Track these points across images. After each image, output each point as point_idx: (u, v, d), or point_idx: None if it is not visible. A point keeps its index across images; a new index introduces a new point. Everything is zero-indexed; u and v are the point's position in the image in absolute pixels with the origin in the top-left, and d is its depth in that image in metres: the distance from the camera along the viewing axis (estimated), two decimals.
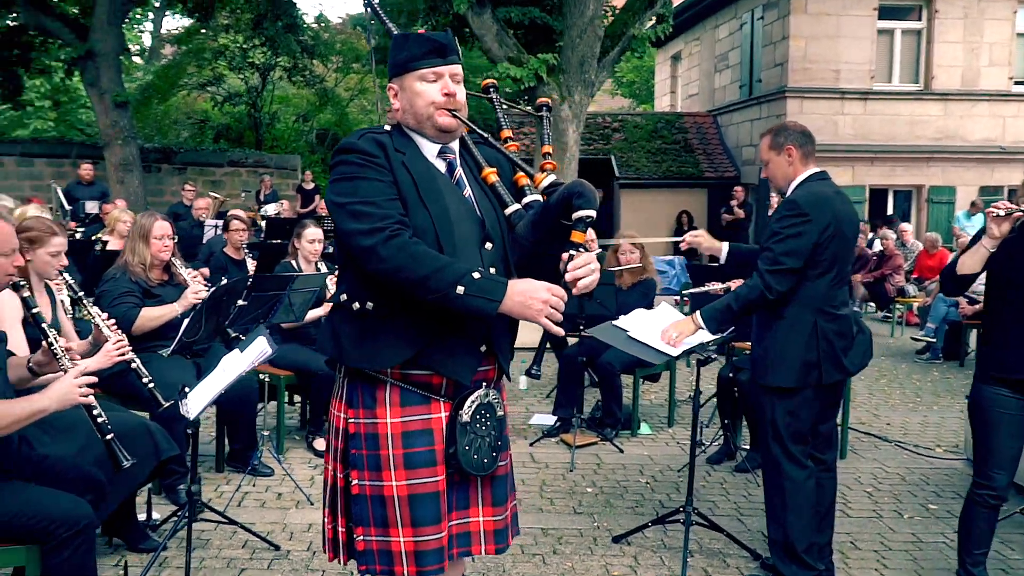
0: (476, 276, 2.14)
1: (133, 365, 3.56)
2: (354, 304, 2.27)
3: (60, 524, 2.60)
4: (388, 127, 2.34)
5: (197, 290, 4.47)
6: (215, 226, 9.80)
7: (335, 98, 22.14)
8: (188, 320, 3.70)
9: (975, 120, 15.68)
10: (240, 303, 4.00)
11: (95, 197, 12.19)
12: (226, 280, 4.91)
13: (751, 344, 3.64)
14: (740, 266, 3.76)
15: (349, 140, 2.26)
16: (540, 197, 2.35)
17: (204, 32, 20.75)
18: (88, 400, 2.69)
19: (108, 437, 2.72)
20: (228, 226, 6.97)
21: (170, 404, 3.49)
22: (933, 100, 15.61)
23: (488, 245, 2.30)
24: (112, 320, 3.59)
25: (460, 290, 2.12)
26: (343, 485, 2.38)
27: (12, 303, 3.21)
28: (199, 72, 21.16)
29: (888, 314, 11.72)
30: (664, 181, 17.06)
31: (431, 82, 2.27)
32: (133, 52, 24.96)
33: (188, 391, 3.24)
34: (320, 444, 5.25)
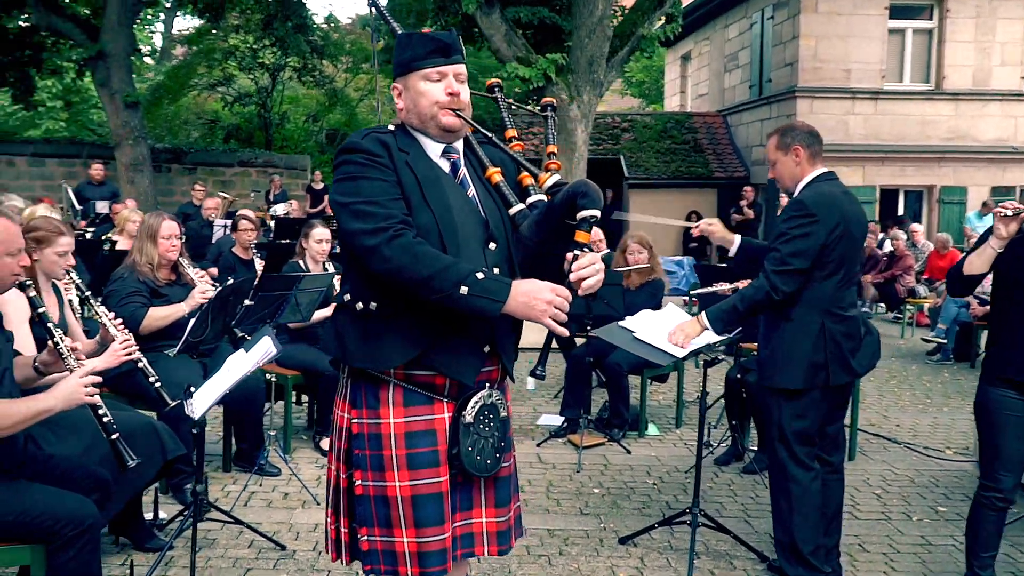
0: (480, 276, 2.13)
1: (140, 365, 3.58)
2: (358, 304, 2.26)
3: (65, 523, 2.61)
4: (392, 127, 2.34)
5: (204, 290, 4.48)
6: (224, 226, 9.82)
7: (345, 98, 22.18)
8: (194, 320, 3.70)
9: (987, 120, 15.59)
10: (247, 303, 4.00)
11: (105, 197, 12.25)
12: (234, 280, 4.91)
13: (758, 345, 3.63)
14: (750, 261, 3.73)
15: (352, 140, 2.26)
16: (544, 197, 2.34)
17: (215, 33, 20.81)
18: (94, 400, 2.70)
19: (113, 437, 2.72)
20: (236, 226, 7.00)
21: (176, 404, 3.49)
22: (944, 100, 15.52)
23: (492, 245, 2.29)
24: (119, 320, 3.60)
25: (464, 290, 2.11)
26: (346, 485, 2.37)
27: (19, 303, 3.21)
28: (209, 72, 21.23)
29: (898, 315, 11.66)
30: (673, 181, 17.02)
31: (435, 82, 2.27)
32: (145, 53, 25.08)
33: (193, 391, 3.24)
34: (327, 444, 5.25)
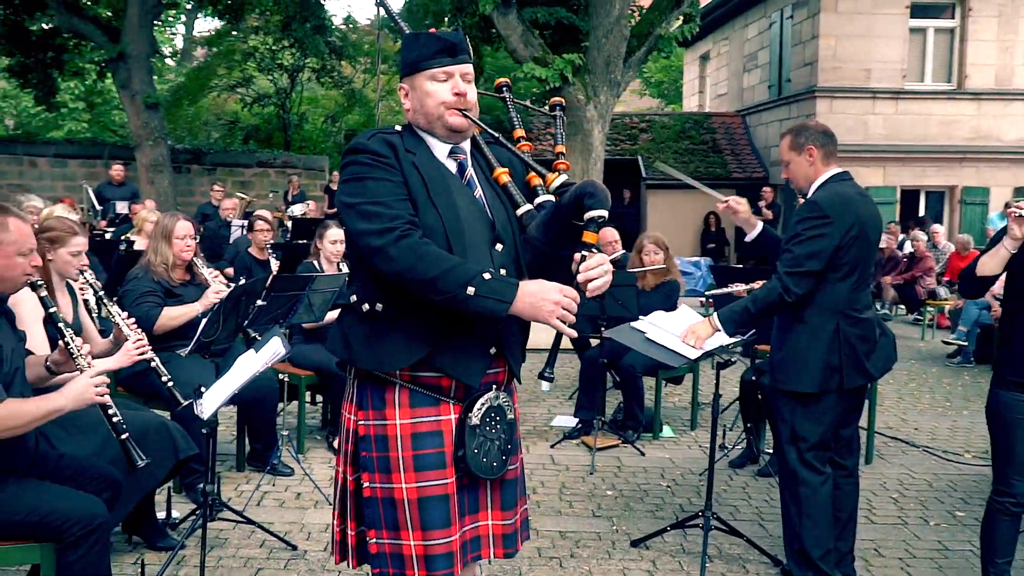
0: (487, 277, 2.12)
1: (152, 364, 3.59)
2: (364, 305, 2.26)
3: (75, 522, 2.62)
4: (399, 127, 2.34)
5: (218, 290, 4.49)
6: (241, 226, 9.87)
7: (363, 99, 22.23)
8: (206, 320, 3.72)
9: (1009, 120, 15.40)
10: (259, 303, 4.01)
11: (125, 197, 12.33)
12: (248, 280, 4.93)
13: (771, 347, 3.59)
14: (767, 246, 3.68)
15: (359, 140, 2.25)
16: (552, 197, 2.33)
17: (234, 34, 20.94)
18: (104, 399, 2.71)
19: (123, 437, 2.73)
20: (252, 226, 7.03)
21: (187, 404, 3.50)
22: (966, 99, 15.35)
23: (499, 246, 2.28)
24: (132, 319, 3.62)
25: (470, 291, 2.10)
26: (353, 488, 2.37)
27: (33, 303, 3.23)
28: (229, 74, 21.35)
29: (919, 317, 11.55)
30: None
31: (441, 82, 2.26)
32: (166, 55, 25.26)
33: (204, 391, 3.25)
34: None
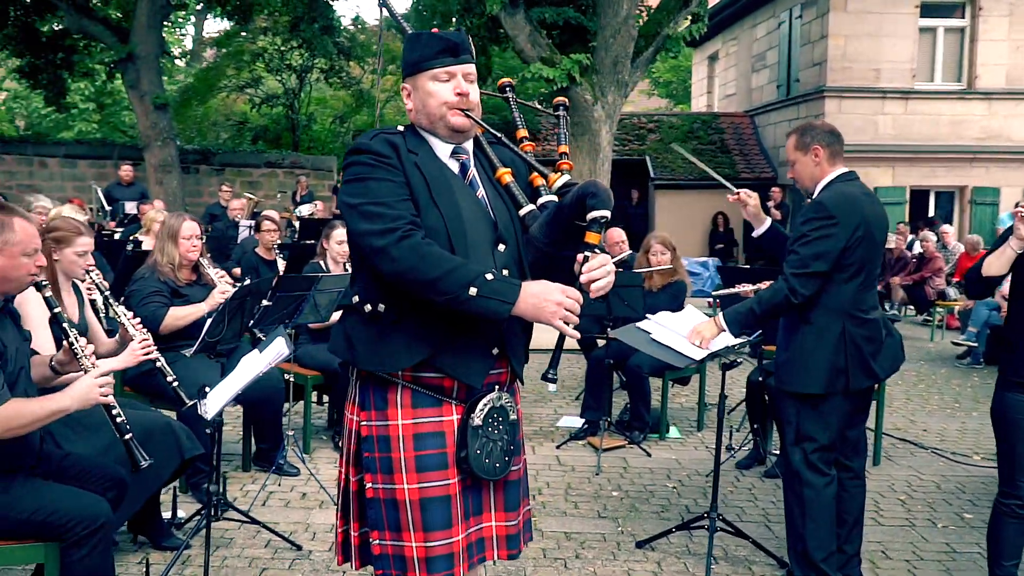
0: (489, 278, 2.11)
1: (158, 364, 3.59)
2: (366, 306, 2.25)
3: (78, 522, 2.63)
4: (401, 127, 2.33)
5: (224, 290, 4.50)
6: (249, 227, 9.88)
7: (371, 100, 22.25)
8: (211, 320, 3.72)
9: (1020, 120, 15.31)
10: (264, 303, 4.02)
11: (134, 198, 12.39)
12: (255, 280, 4.94)
13: (776, 348, 3.58)
14: (775, 242, 3.66)
15: (361, 141, 2.25)
16: (555, 198, 2.32)
17: (243, 35, 20.99)
18: (108, 400, 2.71)
19: (127, 437, 2.74)
20: (259, 227, 7.04)
21: (192, 404, 3.51)
22: (977, 99, 15.28)
23: (501, 247, 2.28)
24: (138, 319, 3.62)
25: (472, 292, 2.09)
26: (355, 489, 2.36)
27: (39, 302, 3.24)
28: (238, 74, 21.40)
29: (928, 318, 11.50)
30: (700, 182, 16.88)
31: (444, 82, 2.25)
32: (176, 55, 25.34)
33: (208, 391, 3.25)
34: None
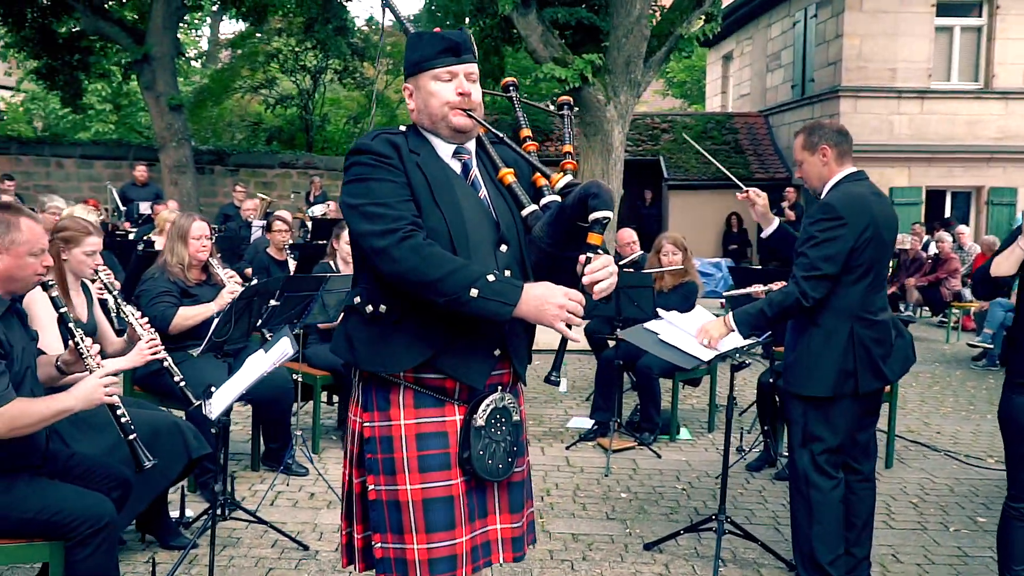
0: (491, 279, 2.10)
1: (165, 364, 3.61)
2: (367, 307, 2.25)
3: (83, 521, 2.64)
4: (403, 127, 2.33)
5: (233, 290, 4.51)
6: (262, 227, 9.92)
7: (385, 100, 22.30)
8: (217, 320, 3.73)
9: None
10: (272, 303, 4.02)
11: (148, 198, 12.45)
12: (265, 280, 4.94)
13: (784, 350, 3.55)
14: (783, 242, 3.64)
15: (362, 141, 2.24)
16: (558, 198, 2.31)
17: (258, 36, 21.08)
18: (112, 400, 2.72)
19: (131, 437, 2.74)
20: (270, 227, 7.06)
21: (199, 404, 3.52)
22: (994, 99, 15.13)
23: (503, 247, 2.27)
24: (146, 319, 3.64)
25: (474, 293, 2.08)
26: (359, 491, 2.36)
27: (47, 302, 3.26)
28: (252, 75, 21.50)
29: (943, 319, 11.40)
30: (713, 182, 16.81)
31: (445, 82, 2.24)
32: (192, 57, 25.47)
33: (213, 391, 3.26)
34: None
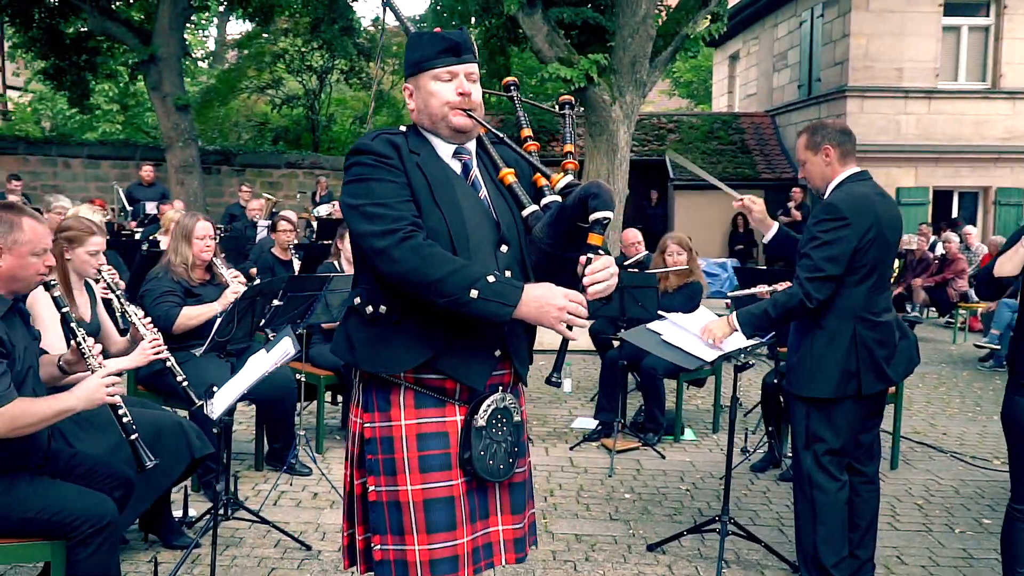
0: (491, 280, 2.10)
1: (168, 364, 3.61)
2: (367, 308, 2.24)
3: (84, 520, 2.64)
4: (403, 128, 2.32)
5: (237, 290, 4.52)
6: (267, 227, 9.93)
7: (391, 100, 22.32)
8: (220, 320, 3.73)
9: None
10: (276, 303, 4.03)
11: (155, 198, 12.48)
12: (264, 280, 4.94)
13: (787, 351, 3.54)
14: (784, 246, 3.62)
15: (362, 141, 2.24)
16: (558, 198, 2.30)
17: (264, 36, 21.12)
18: (114, 400, 2.72)
19: (132, 437, 2.74)
20: (275, 227, 7.07)
21: (201, 404, 3.52)
22: (1001, 99, 15.08)
23: (504, 248, 2.26)
24: (148, 319, 3.64)
25: (474, 294, 2.08)
26: (360, 492, 2.36)
27: (49, 302, 3.26)
28: (259, 75, 21.54)
29: (950, 320, 11.37)
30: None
31: (445, 82, 2.24)
32: (199, 57, 25.52)
33: (215, 390, 3.26)
34: None
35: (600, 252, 2.11)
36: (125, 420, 2.73)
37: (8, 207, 2.76)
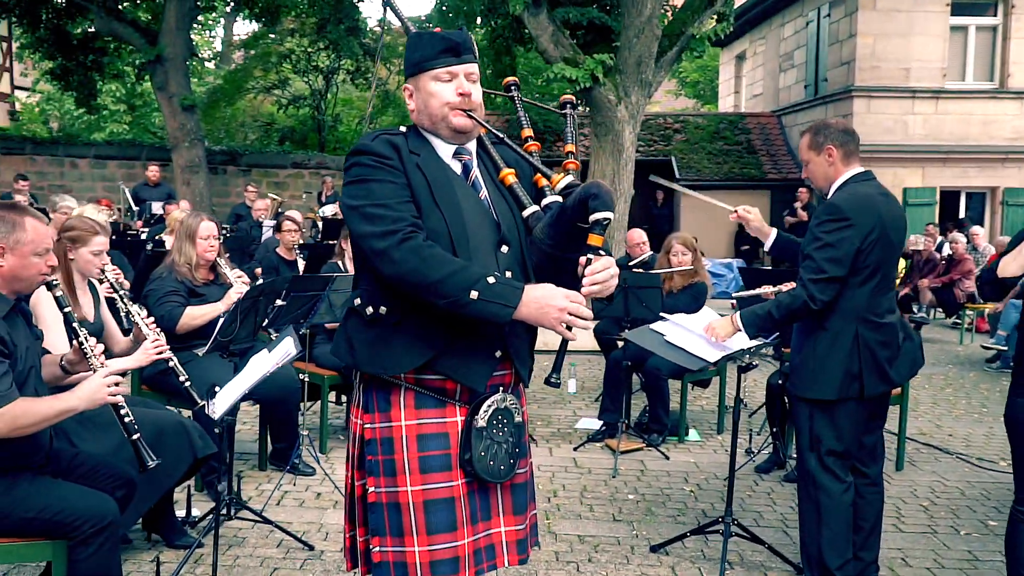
0: (491, 281, 2.09)
1: (171, 364, 3.61)
2: (367, 309, 2.24)
3: (85, 520, 2.64)
4: (404, 128, 2.32)
5: (241, 290, 4.52)
6: (272, 227, 9.94)
7: (397, 100, 22.32)
8: (223, 320, 3.74)
9: None
10: (279, 303, 4.03)
11: (161, 198, 12.53)
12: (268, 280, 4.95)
13: (790, 352, 3.52)
14: (786, 250, 3.62)
15: (362, 142, 2.23)
16: (559, 198, 2.29)
17: (271, 37, 21.15)
18: (116, 400, 2.73)
19: (134, 437, 2.75)
20: (280, 227, 7.08)
21: (203, 404, 3.53)
22: (1009, 99, 15.02)
23: (504, 248, 2.25)
24: (151, 319, 3.65)
25: (473, 295, 2.07)
26: (360, 493, 2.35)
27: (52, 302, 3.27)
28: (265, 76, 21.57)
29: (957, 320, 11.32)
30: (726, 183, 16.76)
31: (445, 82, 2.23)
32: (206, 58, 25.57)
33: (217, 390, 3.26)
34: None
35: (600, 253, 2.10)
36: (127, 420, 2.74)
37: (10, 207, 2.76)
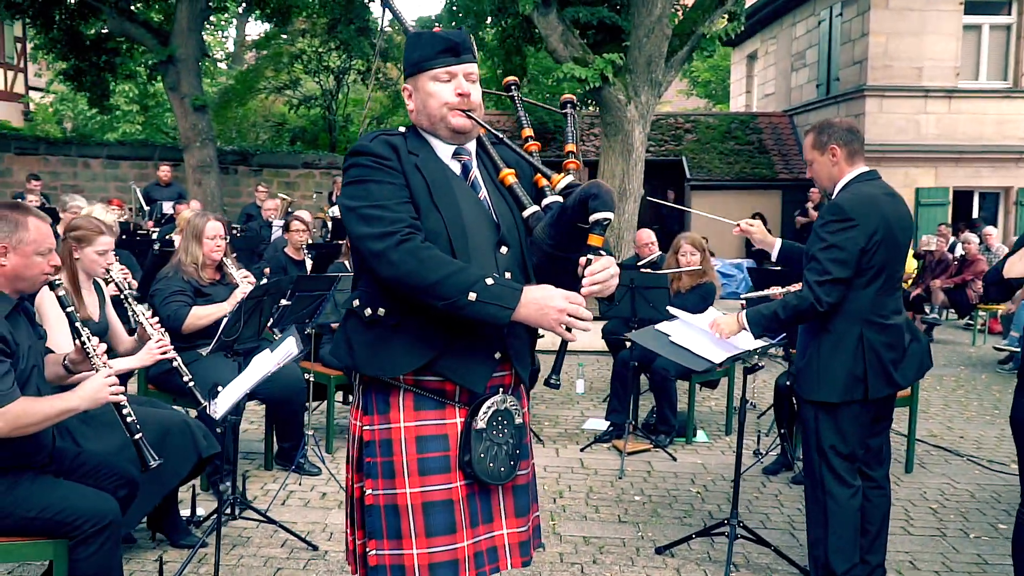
0: (489, 282, 2.07)
1: (175, 364, 3.62)
2: (366, 310, 2.22)
3: (87, 520, 2.65)
4: (403, 128, 2.31)
5: (246, 290, 4.53)
6: (282, 226, 9.97)
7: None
8: (227, 319, 3.74)
9: None
10: (284, 303, 4.03)
11: (172, 198, 12.58)
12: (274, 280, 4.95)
13: (796, 353, 3.49)
14: (793, 259, 3.60)
15: (361, 143, 2.22)
16: (560, 198, 2.28)
17: (283, 37, 21.21)
18: (118, 399, 2.73)
19: (136, 436, 2.75)
20: (288, 227, 7.10)
21: (206, 404, 3.53)
22: (1023, 98, 14.90)
23: (503, 249, 2.24)
24: (155, 318, 3.65)
25: (472, 297, 2.06)
26: (359, 496, 2.34)
27: (55, 301, 3.28)
28: (276, 76, 21.64)
29: (970, 322, 11.24)
30: (737, 183, 16.70)
31: (444, 82, 2.22)
32: (219, 58, 25.66)
33: (220, 390, 3.26)
34: None
35: (600, 253, 2.09)
36: (129, 419, 2.74)
37: (13, 207, 2.77)
